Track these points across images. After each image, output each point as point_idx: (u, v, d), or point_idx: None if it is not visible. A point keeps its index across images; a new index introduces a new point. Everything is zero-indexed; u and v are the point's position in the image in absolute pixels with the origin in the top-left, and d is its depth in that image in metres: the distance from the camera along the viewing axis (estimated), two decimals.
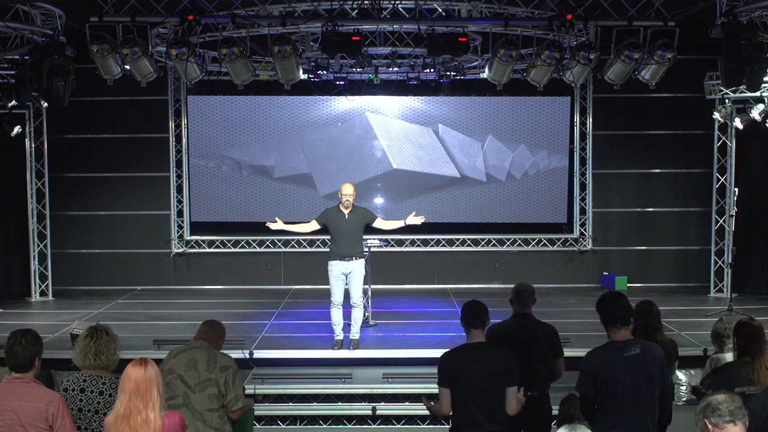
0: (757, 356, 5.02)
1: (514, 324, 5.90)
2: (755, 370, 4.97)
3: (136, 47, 9.13)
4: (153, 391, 3.99)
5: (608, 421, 4.68)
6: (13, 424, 4.18)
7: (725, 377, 5.04)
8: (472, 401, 4.92)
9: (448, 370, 5.01)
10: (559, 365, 5.93)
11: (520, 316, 5.97)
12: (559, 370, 5.93)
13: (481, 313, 5.13)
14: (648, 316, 5.83)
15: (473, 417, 4.93)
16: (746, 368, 4.99)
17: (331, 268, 9.21)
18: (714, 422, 3.44)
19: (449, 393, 4.98)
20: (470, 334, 5.11)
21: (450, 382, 4.98)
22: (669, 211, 14.10)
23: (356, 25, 9.31)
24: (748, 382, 4.91)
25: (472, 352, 5.04)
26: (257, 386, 8.63)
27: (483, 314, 5.14)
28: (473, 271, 13.98)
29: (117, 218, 14.05)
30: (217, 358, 5.26)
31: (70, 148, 13.79)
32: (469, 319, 5.12)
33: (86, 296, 13.29)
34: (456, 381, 4.96)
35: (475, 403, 4.92)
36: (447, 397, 4.99)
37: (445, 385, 5.00)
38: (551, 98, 13.62)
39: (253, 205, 13.92)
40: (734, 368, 5.11)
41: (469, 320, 5.12)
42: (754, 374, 4.96)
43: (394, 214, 12.78)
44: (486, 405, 4.93)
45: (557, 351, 5.95)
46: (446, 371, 5.01)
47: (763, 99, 11.51)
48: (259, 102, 13.75)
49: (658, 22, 9.11)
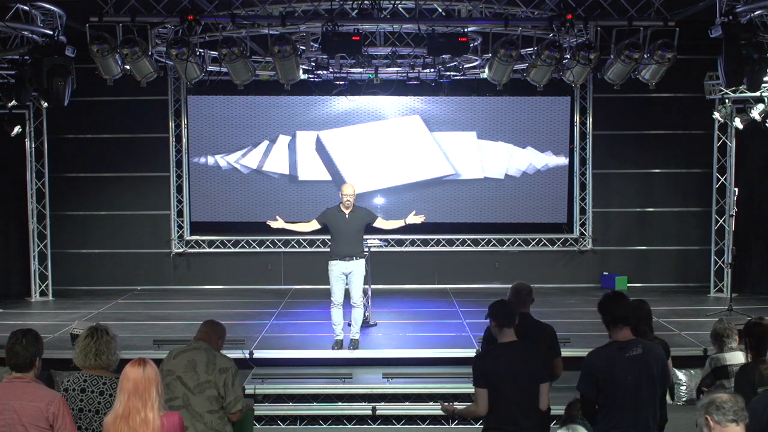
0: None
1: None
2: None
3: (136, 47, 9.13)
4: (152, 390, 3.99)
5: (609, 422, 4.68)
6: (13, 424, 4.19)
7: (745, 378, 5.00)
8: (511, 399, 4.97)
9: (484, 370, 5.04)
10: (557, 365, 5.96)
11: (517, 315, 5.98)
12: (557, 370, 5.95)
13: (513, 312, 5.21)
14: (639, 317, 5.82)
15: (511, 415, 4.97)
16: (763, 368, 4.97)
17: (332, 268, 9.21)
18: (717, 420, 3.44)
19: (486, 393, 5.00)
20: (503, 334, 5.14)
21: (488, 382, 5.00)
22: (669, 211, 14.10)
23: (356, 25, 9.30)
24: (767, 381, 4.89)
25: (507, 350, 5.09)
26: (257, 386, 8.64)
27: (514, 314, 5.21)
28: (473, 271, 13.97)
29: (117, 218, 14.05)
30: (216, 359, 5.25)
31: (70, 148, 13.79)
32: (501, 318, 5.15)
33: (86, 296, 13.29)
34: (495, 380, 4.98)
35: (513, 402, 4.97)
36: (484, 398, 5.01)
37: (483, 385, 5.02)
38: (551, 98, 13.61)
39: (253, 205, 13.92)
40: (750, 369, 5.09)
41: (502, 319, 5.15)
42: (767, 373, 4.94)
43: (394, 213, 12.78)
44: (523, 402, 4.99)
45: (555, 351, 5.98)
46: (483, 371, 5.04)
47: (763, 99, 11.51)
48: (259, 102, 13.75)
49: (658, 22, 9.10)
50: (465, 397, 8.07)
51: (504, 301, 5.32)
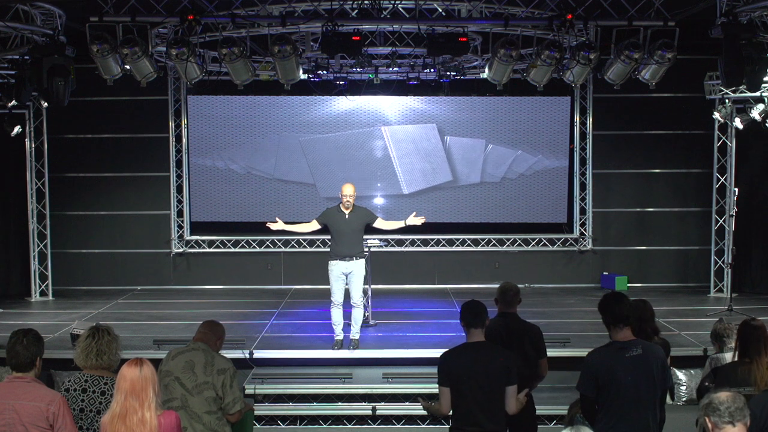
0: (756, 357, 5.02)
1: (498, 323, 5.93)
2: (752, 371, 4.98)
3: (136, 47, 9.12)
4: (149, 390, 4.00)
5: (609, 422, 4.68)
6: (14, 424, 4.19)
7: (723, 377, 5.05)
8: (473, 400, 4.93)
9: (448, 369, 5.02)
10: (543, 366, 5.95)
11: (504, 315, 6.02)
12: (543, 371, 5.95)
13: (481, 312, 5.15)
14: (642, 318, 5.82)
15: (473, 416, 4.93)
16: (744, 369, 5.00)
17: (332, 268, 9.21)
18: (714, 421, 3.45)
19: (449, 392, 4.98)
20: (470, 334, 5.12)
21: (450, 382, 4.98)
22: (669, 211, 14.10)
23: (356, 25, 9.31)
24: (745, 382, 4.91)
25: (472, 351, 5.05)
26: (257, 386, 8.64)
27: (483, 314, 5.15)
28: (473, 271, 13.97)
29: (117, 218, 14.05)
30: (214, 360, 5.24)
31: (70, 148, 13.79)
32: (469, 319, 5.13)
33: (86, 296, 13.29)
34: (456, 380, 4.96)
35: (475, 402, 4.93)
36: (447, 397, 4.99)
37: (446, 384, 5.00)
38: (551, 98, 13.62)
39: (253, 205, 13.92)
40: (732, 369, 5.12)
41: (469, 319, 5.13)
42: (751, 375, 4.96)
43: (394, 214, 12.80)
44: (486, 404, 4.94)
45: (541, 351, 5.97)
46: (446, 371, 5.02)
47: (763, 99, 11.51)
48: (259, 102, 13.75)
49: (658, 22, 9.11)
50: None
51: (474, 302, 5.24)
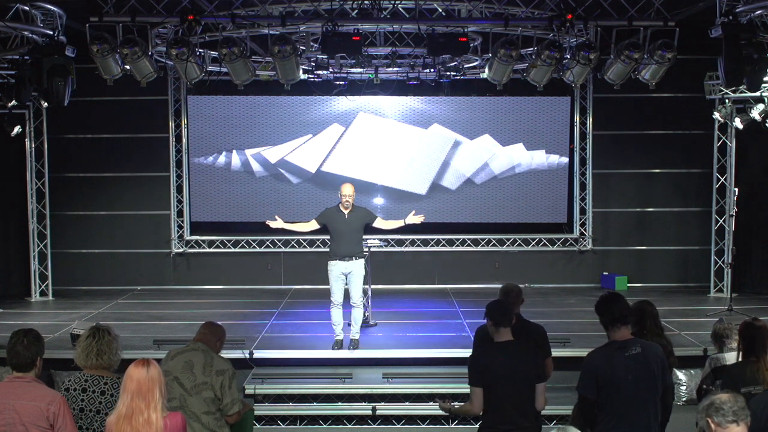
0: (763, 356, 5.04)
1: None
2: (761, 369, 5.00)
3: (136, 47, 9.13)
4: (155, 391, 3.99)
5: (610, 421, 4.68)
6: (14, 423, 4.19)
7: (731, 378, 5.05)
8: (507, 399, 4.96)
9: (480, 369, 5.04)
10: (548, 365, 5.96)
11: None
12: (547, 371, 5.96)
13: (509, 311, 5.21)
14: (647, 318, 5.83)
15: (507, 414, 4.98)
16: (752, 368, 5.02)
17: (331, 268, 9.21)
18: (717, 422, 3.45)
19: (482, 392, 5.00)
20: (498, 333, 5.14)
21: (483, 382, 5.00)
22: (669, 211, 14.10)
23: (356, 25, 9.31)
24: (753, 381, 4.94)
25: (503, 350, 5.09)
26: (257, 386, 8.64)
27: (510, 312, 5.22)
28: (473, 271, 13.97)
29: (117, 218, 14.05)
30: (213, 361, 5.24)
31: (70, 148, 13.79)
32: (498, 318, 5.14)
33: (86, 296, 13.29)
34: (489, 380, 4.98)
35: (509, 401, 4.97)
36: (479, 397, 5.01)
37: (478, 384, 5.02)
38: (551, 98, 13.62)
39: (253, 205, 13.92)
40: (740, 368, 5.13)
41: (499, 319, 5.14)
42: (759, 374, 4.98)
43: (394, 213, 12.78)
44: (519, 402, 4.99)
45: (545, 351, 5.98)
46: (479, 371, 5.04)
47: (763, 99, 11.51)
48: (259, 102, 13.75)
49: (658, 22, 9.11)
50: (465, 397, 8.01)
51: (500, 301, 5.33)
